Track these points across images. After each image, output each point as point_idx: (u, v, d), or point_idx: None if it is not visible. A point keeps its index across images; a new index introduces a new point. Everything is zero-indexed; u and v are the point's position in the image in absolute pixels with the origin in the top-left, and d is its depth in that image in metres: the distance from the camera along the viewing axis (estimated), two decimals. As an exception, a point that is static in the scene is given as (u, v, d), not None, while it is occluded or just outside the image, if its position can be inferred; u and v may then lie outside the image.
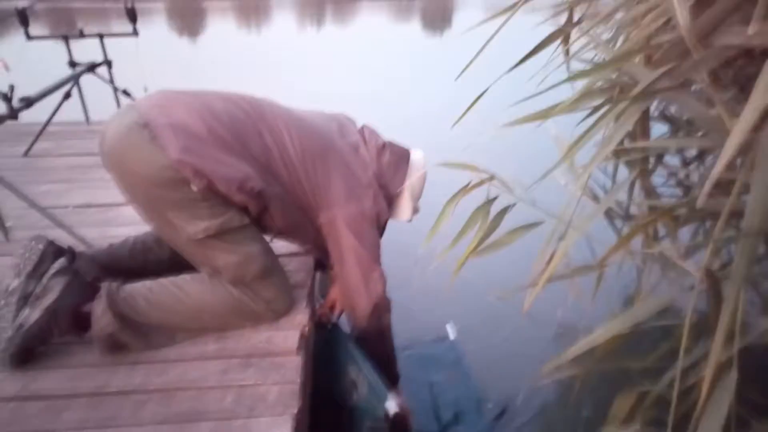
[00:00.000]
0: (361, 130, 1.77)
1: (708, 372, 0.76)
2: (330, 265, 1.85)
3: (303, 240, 1.77)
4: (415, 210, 1.83)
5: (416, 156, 1.81)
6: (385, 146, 1.73)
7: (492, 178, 1.51)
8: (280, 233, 1.66)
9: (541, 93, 1.19)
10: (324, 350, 1.81)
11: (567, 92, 1.50)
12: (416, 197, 1.82)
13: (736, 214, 0.98)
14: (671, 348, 1.10)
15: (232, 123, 1.43)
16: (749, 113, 0.74)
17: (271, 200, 1.49)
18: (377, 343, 1.72)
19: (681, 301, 1.24)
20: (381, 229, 1.74)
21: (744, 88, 1.10)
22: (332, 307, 1.93)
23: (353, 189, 1.61)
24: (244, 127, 1.45)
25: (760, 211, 0.72)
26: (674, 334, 1.19)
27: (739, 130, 0.74)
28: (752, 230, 0.72)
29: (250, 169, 1.42)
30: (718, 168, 0.77)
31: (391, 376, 1.80)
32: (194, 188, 1.35)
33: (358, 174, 1.63)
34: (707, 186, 0.79)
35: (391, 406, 1.47)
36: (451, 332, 2.30)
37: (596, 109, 1.36)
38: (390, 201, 1.74)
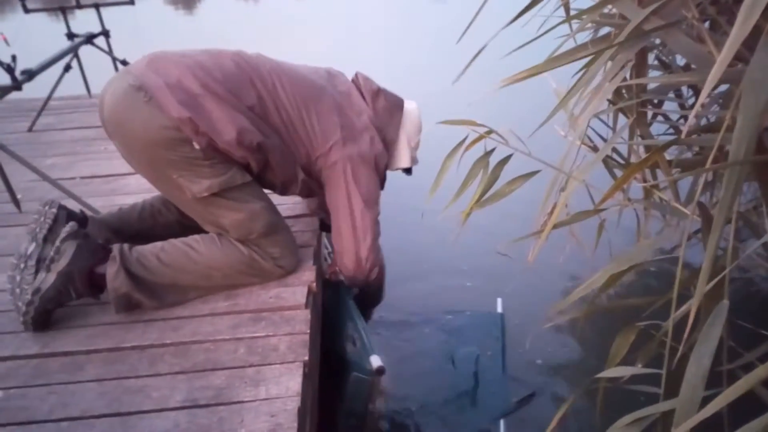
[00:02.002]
0: (355, 77, 1.77)
1: (696, 295, 0.80)
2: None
3: (304, 192, 1.76)
4: (414, 160, 1.83)
5: (410, 105, 1.81)
6: (379, 91, 1.73)
7: (490, 132, 1.54)
8: (283, 187, 1.67)
9: (536, 38, 1.20)
10: (329, 307, 1.86)
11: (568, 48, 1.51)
12: (413, 145, 1.82)
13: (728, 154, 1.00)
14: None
15: (224, 77, 1.44)
16: (730, 45, 0.76)
17: (271, 152, 1.51)
18: (365, 291, 1.78)
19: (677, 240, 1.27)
20: (381, 177, 1.74)
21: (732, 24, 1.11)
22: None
23: (349, 131, 1.61)
24: (236, 80, 1.46)
25: (745, 138, 0.74)
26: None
27: (721, 61, 0.75)
28: (738, 158, 0.74)
29: (247, 121, 1.44)
30: (701, 97, 0.79)
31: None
32: (196, 146, 1.38)
33: (352, 118, 1.63)
34: (692, 115, 0.80)
35: (376, 360, 1.52)
36: (500, 307, 2.32)
37: (593, 60, 1.38)
38: (387, 147, 1.74)
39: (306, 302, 1.53)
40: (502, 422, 1.82)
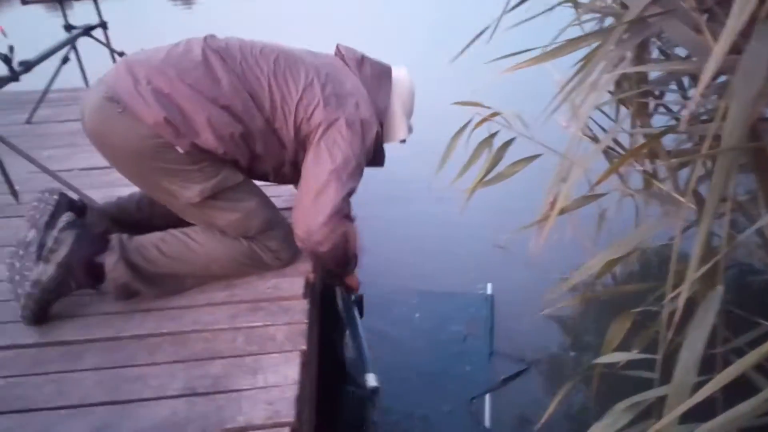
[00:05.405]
0: (337, 49, 1.70)
1: (687, 279, 0.80)
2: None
3: (296, 178, 1.59)
4: (409, 128, 1.74)
5: (401, 72, 1.72)
6: (363, 59, 1.66)
7: (495, 114, 1.55)
8: (276, 173, 1.61)
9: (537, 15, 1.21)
10: (332, 305, 1.86)
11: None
12: (408, 113, 1.74)
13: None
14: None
15: (194, 67, 1.39)
16: (726, 35, 0.76)
17: (253, 141, 1.46)
18: (329, 263, 1.59)
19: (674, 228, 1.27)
20: (373, 149, 1.59)
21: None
22: None
23: (330, 94, 1.50)
24: (208, 68, 1.41)
25: (737, 125, 0.74)
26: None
27: (717, 51, 0.76)
28: (730, 144, 0.74)
29: (223, 113, 1.39)
30: (700, 86, 0.79)
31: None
32: (180, 150, 1.36)
33: (334, 82, 1.53)
34: (692, 104, 0.81)
35: (372, 379, 1.51)
36: (489, 289, 2.35)
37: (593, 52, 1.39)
38: (379, 117, 1.63)
39: (304, 292, 1.54)
40: (487, 397, 1.83)
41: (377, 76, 1.65)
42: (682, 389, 0.79)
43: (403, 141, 1.73)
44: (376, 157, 1.65)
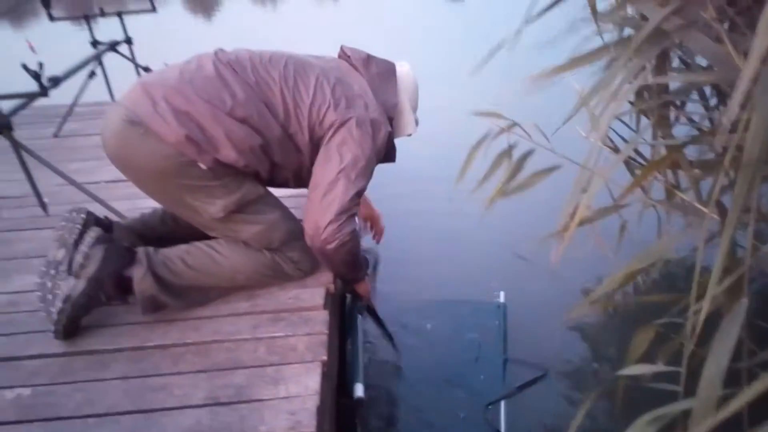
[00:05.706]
0: (341, 51, 1.73)
1: (708, 292, 0.79)
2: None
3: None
4: (416, 122, 1.77)
5: (403, 67, 1.76)
6: (369, 58, 1.69)
7: (514, 125, 1.56)
8: (297, 178, 1.62)
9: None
10: (343, 313, 1.87)
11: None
12: (414, 107, 1.77)
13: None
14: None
15: (209, 83, 1.42)
16: (757, 48, 0.76)
17: (272, 150, 1.49)
18: (338, 265, 1.59)
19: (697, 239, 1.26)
20: (384, 147, 1.61)
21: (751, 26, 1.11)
22: None
23: (340, 96, 1.53)
24: (222, 82, 1.43)
25: (759, 138, 0.74)
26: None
27: (750, 65, 0.75)
28: (752, 157, 0.74)
29: (243, 126, 1.42)
30: (734, 101, 0.79)
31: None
32: (203, 166, 1.39)
33: (343, 84, 1.57)
34: (728, 115, 0.80)
35: (358, 389, 1.52)
36: (502, 297, 2.34)
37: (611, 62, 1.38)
38: (388, 112, 1.65)
39: (324, 303, 1.55)
40: (502, 404, 1.83)
41: (384, 73, 1.69)
42: (707, 403, 0.78)
43: (409, 134, 1.76)
44: (387, 153, 1.68)
